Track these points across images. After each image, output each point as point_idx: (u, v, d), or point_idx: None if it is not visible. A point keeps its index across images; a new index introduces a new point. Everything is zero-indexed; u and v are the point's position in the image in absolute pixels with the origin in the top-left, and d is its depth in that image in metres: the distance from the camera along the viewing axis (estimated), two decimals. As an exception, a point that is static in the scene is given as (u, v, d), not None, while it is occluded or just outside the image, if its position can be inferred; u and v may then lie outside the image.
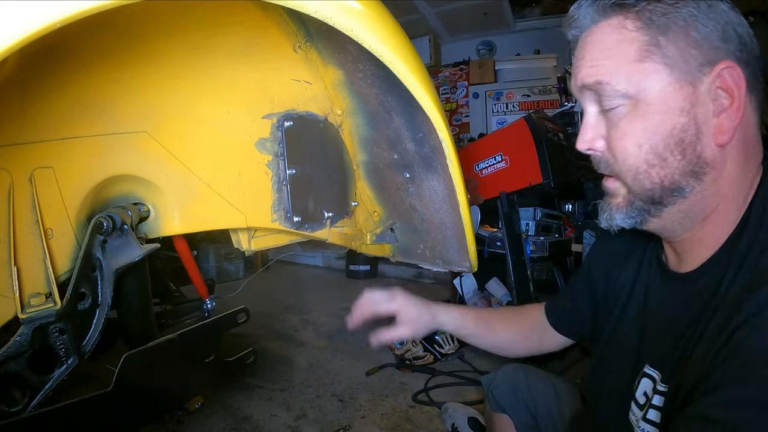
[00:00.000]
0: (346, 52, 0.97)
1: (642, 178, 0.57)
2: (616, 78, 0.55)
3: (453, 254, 1.19)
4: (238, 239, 1.21)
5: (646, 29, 0.54)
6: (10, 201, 0.79)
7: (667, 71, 0.53)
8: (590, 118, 0.62)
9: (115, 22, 0.77)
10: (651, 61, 0.53)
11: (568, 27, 0.62)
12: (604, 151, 0.61)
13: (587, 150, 0.63)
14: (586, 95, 0.61)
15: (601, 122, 0.61)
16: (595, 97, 0.60)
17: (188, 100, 0.97)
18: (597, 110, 0.61)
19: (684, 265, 0.64)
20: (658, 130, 0.54)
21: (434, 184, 1.09)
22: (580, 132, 0.63)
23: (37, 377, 0.81)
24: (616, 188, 0.62)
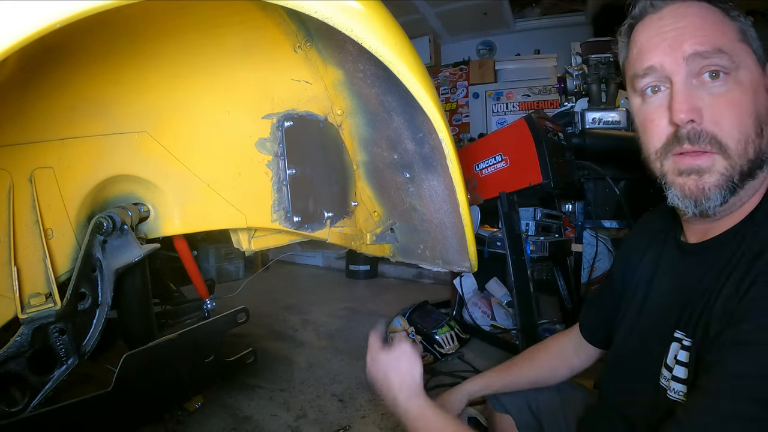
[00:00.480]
0: (346, 52, 0.97)
1: (750, 148, 0.59)
2: (731, 50, 0.59)
3: (453, 254, 1.19)
4: (238, 239, 1.21)
5: (734, 21, 0.61)
6: (10, 201, 0.79)
7: (753, 57, 0.61)
8: (685, 87, 0.61)
9: (115, 22, 0.77)
10: (747, 44, 0.61)
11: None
12: (704, 123, 0.60)
13: (689, 119, 0.60)
14: (690, 64, 0.61)
15: (694, 93, 0.61)
16: (698, 67, 0.60)
17: (188, 100, 0.97)
18: (692, 82, 0.61)
19: (704, 238, 0.68)
20: (757, 102, 0.60)
21: (434, 184, 1.09)
22: (674, 102, 0.61)
23: (37, 377, 0.81)
24: (711, 164, 0.61)
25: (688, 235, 0.72)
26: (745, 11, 0.71)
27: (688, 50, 0.60)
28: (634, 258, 0.84)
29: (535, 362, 1.04)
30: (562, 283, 2.44)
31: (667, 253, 0.76)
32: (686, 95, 0.61)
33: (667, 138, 0.63)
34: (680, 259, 0.72)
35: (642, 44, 0.66)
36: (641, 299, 0.78)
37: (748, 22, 0.62)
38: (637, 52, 0.67)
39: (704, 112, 0.60)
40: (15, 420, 0.77)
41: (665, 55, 0.62)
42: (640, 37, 0.67)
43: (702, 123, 0.60)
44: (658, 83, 0.64)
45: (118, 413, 0.94)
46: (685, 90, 0.61)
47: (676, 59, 0.61)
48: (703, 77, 0.60)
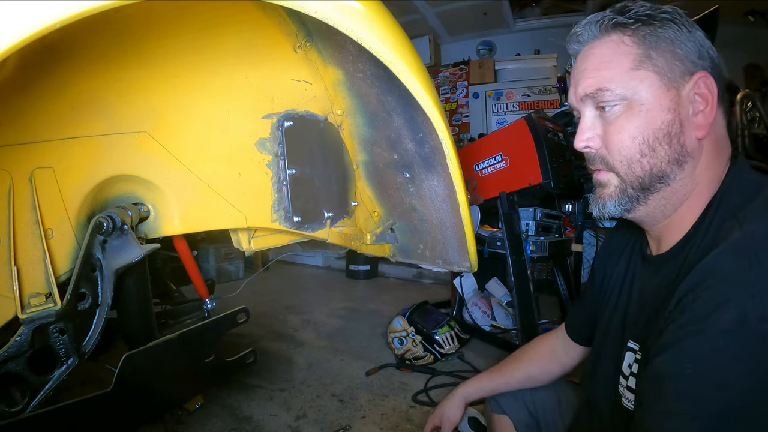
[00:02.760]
0: (346, 52, 0.97)
1: (635, 167, 0.67)
2: (615, 84, 0.66)
3: (453, 254, 1.19)
4: (238, 239, 1.21)
5: (640, 44, 0.65)
6: (10, 201, 0.79)
7: (657, 77, 0.64)
8: (587, 121, 0.71)
9: (115, 22, 0.77)
10: (644, 69, 0.65)
11: (571, 42, 0.73)
12: (600, 148, 0.70)
13: (584, 147, 0.72)
14: (586, 102, 0.71)
15: (596, 124, 0.71)
16: (594, 102, 0.69)
17: (188, 100, 0.97)
18: (594, 114, 0.71)
19: (660, 250, 0.73)
20: (649, 125, 0.65)
21: (434, 184, 1.09)
22: (577, 133, 0.72)
23: (37, 377, 0.81)
24: (608, 179, 0.71)
25: (651, 245, 0.78)
26: (745, 11, 0.74)
27: (580, 92, 0.70)
28: (610, 263, 0.90)
29: (526, 361, 1.07)
30: (562, 283, 2.44)
31: (633, 263, 0.83)
32: (583, 127, 0.71)
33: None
34: (642, 270, 0.79)
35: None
36: (612, 305, 0.85)
37: (657, 35, 0.65)
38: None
39: (601, 138, 0.70)
40: (15, 420, 0.77)
41: (572, 95, 0.73)
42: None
43: (598, 148, 0.70)
44: (577, 115, 0.74)
45: (118, 413, 0.94)
46: (584, 123, 0.71)
47: (576, 98, 0.72)
48: (600, 108, 0.69)
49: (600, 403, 0.82)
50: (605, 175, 0.71)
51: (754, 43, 4.04)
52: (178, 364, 1.08)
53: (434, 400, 1.82)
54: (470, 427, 1.49)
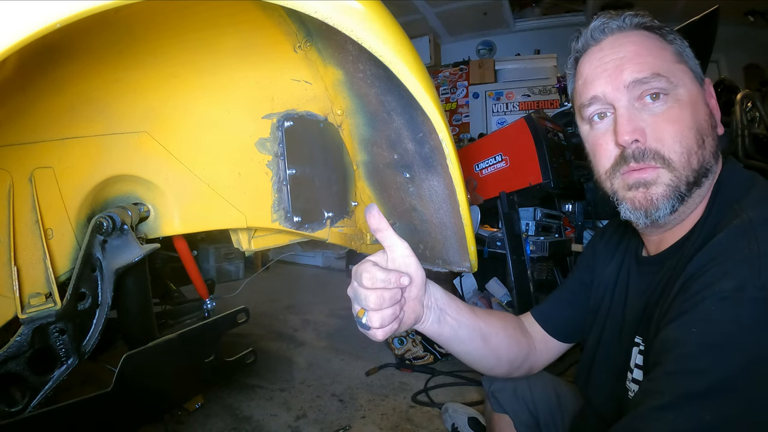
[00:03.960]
0: (346, 52, 0.97)
1: (693, 159, 0.64)
2: (665, 68, 0.65)
3: (453, 254, 1.19)
4: (238, 239, 1.21)
5: (671, 44, 0.68)
6: (10, 201, 0.79)
7: (691, 74, 0.67)
8: (629, 112, 0.66)
9: (115, 22, 0.77)
10: (684, 65, 0.67)
11: (594, 31, 0.71)
12: (650, 140, 0.65)
13: (633, 141, 0.65)
14: (631, 90, 0.66)
15: (637, 115, 0.66)
16: (640, 91, 0.65)
17: (188, 100, 0.96)
18: (634, 105, 0.66)
19: (659, 250, 0.74)
20: (697, 116, 0.65)
21: (434, 184, 1.09)
22: (618, 126, 0.66)
23: (37, 377, 0.81)
24: (657, 177, 0.65)
25: (648, 248, 0.77)
26: (745, 11, 0.75)
27: (628, 78, 0.66)
28: (600, 264, 0.90)
29: (500, 320, 0.89)
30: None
31: (626, 266, 0.82)
32: (629, 118, 0.66)
33: (614, 159, 0.69)
34: (639, 271, 0.78)
35: (586, 75, 0.72)
36: (606, 309, 0.84)
37: (685, 43, 0.69)
38: (582, 83, 0.72)
39: (647, 131, 0.65)
40: (15, 420, 0.77)
41: (607, 84, 0.68)
42: (584, 69, 0.72)
43: (646, 142, 0.65)
44: (603, 110, 0.70)
45: (118, 413, 0.94)
46: (628, 114, 0.66)
47: (617, 87, 0.67)
48: (644, 99, 0.66)
49: (600, 402, 0.82)
50: (653, 172, 0.65)
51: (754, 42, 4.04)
52: (178, 364, 1.08)
53: (434, 400, 1.82)
54: (470, 427, 1.49)
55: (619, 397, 0.74)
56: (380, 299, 0.60)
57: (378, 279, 0.60)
